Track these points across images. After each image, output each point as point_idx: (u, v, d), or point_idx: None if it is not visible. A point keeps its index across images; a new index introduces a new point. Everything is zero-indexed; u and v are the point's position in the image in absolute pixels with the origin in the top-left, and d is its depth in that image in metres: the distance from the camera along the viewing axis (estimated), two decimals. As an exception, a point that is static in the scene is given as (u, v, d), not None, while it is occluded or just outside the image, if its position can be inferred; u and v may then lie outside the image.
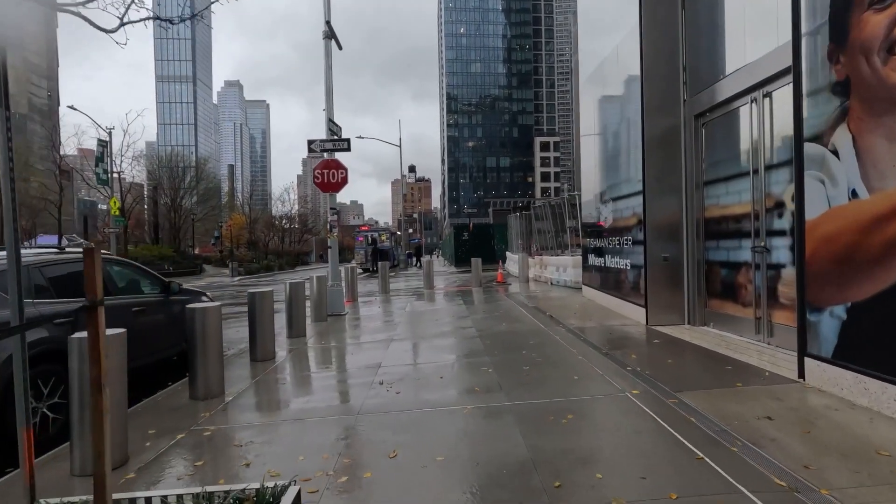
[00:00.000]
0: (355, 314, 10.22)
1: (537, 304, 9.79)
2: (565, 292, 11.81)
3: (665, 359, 5.26)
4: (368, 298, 13.23)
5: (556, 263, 13.67)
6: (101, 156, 24.94)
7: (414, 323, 8.52)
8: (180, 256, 36.05)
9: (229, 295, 18.00)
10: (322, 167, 10.21)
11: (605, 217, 8.81)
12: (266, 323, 6.32)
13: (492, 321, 8.14)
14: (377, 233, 33.88)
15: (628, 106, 7.88)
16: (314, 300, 9.41)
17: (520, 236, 18.36)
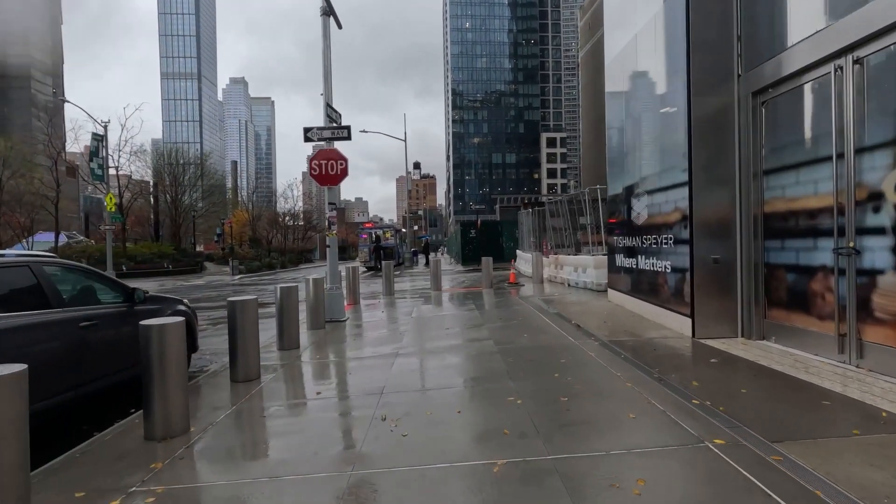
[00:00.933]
0: (357, 320, 9.26)
1: (559, 310, 8.79)
2: (586, 296, 10.80)
3: (735, 386, 4.26)
4: (372, 301, 12.27)
5: (574, 263, 12.64)
6: (97, 150, 24.11)
7: (422, 332, 7.54)
8: (181, 254, 35.27)
9: (227, 296, 17.11)
10: (319, 157, 9.23)
11: (638, 213, 7.79)
12: (249, 337, 5.36)
13: (510, 331, 7.15)
14: (381, 230, 32.92)
15: (669, 85, 6.85)
16: (310, 305, 8.46)
17: (532, 234, 17.34)
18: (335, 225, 9.51)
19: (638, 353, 5.50)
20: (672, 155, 6.73)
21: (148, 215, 41.41)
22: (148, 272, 30.64)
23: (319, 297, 8.53)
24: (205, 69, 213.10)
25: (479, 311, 9.31)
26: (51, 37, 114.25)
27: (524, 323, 7.75)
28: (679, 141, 6.48)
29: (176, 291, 19.80)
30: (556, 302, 9.98)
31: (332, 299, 9.19)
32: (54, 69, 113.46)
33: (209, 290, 20.17)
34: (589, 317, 8.00)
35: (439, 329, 7.68)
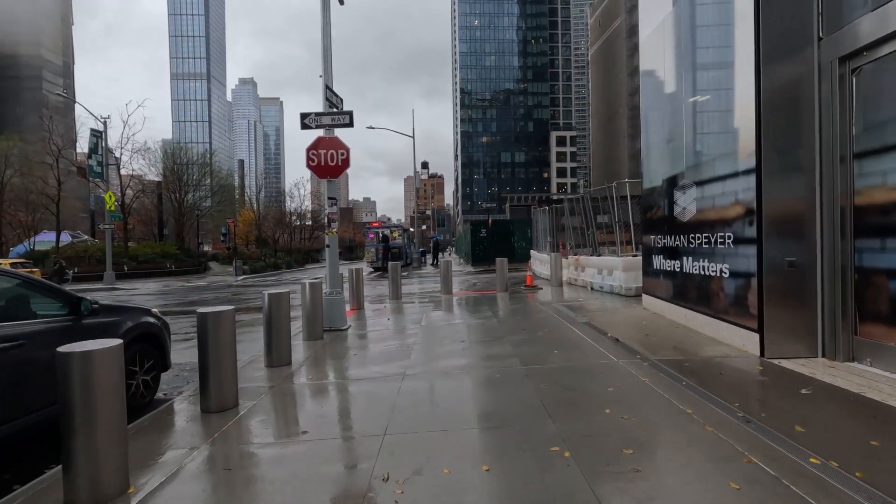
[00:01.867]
0: (359, 328, 8.26)
1: (588, 319, 7.72)
2: (615, 301, 9.71)
3: (859, 434, 3.18)
4: (377, 306, 11.28)
5: (598, 265, 11.55)
6: (95, 147, 23.41)
7: (432, 345, 6.52)
8: (184, 254, 34.57)
9: (224, 299, 16.22)
10: (318, 147, 8.24)
11: (684, 208, 6.71)
12: (223, 358, 4.37)
13: (537, 346, 6.11)
14: (389, 229, 31.95)
15: (728, 54, 5.76)
16: (307, 312, 7.47)
17: (548, 233, 16.26)
18: (336, 222, 8.52)
19: (702, 380, 4.43)
20: (732, 138, 5.65)
21: (153, 214, 40.82)
22: (150, 272, 29.94)
23: (317, 304, 7.55)
24: (214, 70, 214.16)
25: (496, 320, 8.26)
26: (62, 38, 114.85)
27: (552, 335, 6.69)
28: (743, 120, 5.40)
29: (173, 293, 18.97)
30: (582, 309, 8.90)
31: (331, 305, 8.20)
32: (65, 70, 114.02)
33: (208, 291, 19.31)
34: (626, 328, 6.93)
35: (453, 342, 6.65)
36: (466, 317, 8.83)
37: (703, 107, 6.40)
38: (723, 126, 5.86)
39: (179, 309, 13.59)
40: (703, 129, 6.27)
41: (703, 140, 6.28)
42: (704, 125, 6.25)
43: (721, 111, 5.92)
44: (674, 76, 7.11)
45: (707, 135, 6.21)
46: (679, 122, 6.91)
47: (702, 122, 6.34)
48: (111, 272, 23.73)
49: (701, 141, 6.31)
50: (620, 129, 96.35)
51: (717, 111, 6.04)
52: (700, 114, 6.45)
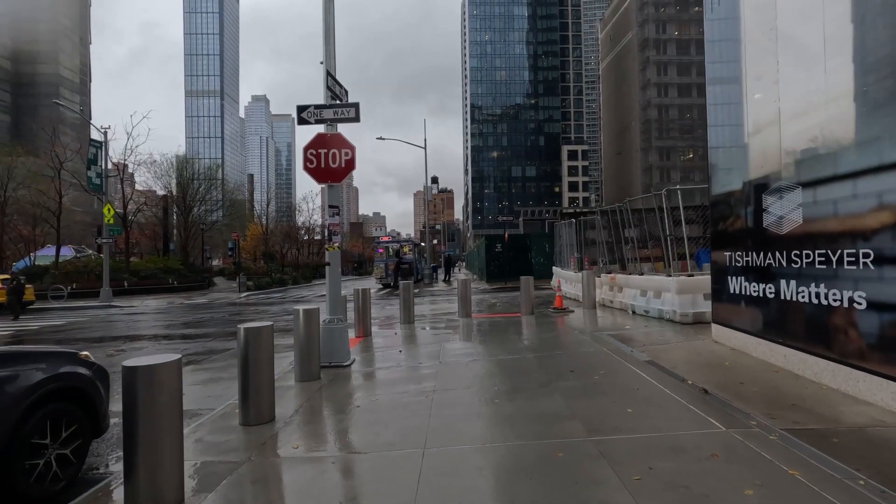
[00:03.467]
0: (365, 365, 6.80)
1: (651, 357, 6.17)
2: (671, 330, 8.15)
3: None
4: (386, 331, 9.82)
5: (642, 286, 10.01)
6: (95, 158, 22.45)
7: (458, 397, 5.02)
8: (188, 269, 33.46)
9: (220, 319, 14.84)
10: (316, 146, 6.90)
11: (781, 216, 5.21)
12: (163, 435, 2.93)
13: (600, 401, 4.58)
14: (399, 244, 30.59)
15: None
16: (300, 346, 6.04)
17: (575, 248, 14.75)
18: (339, 235, 7.12)
19: (881, 470, 2.89)
20: (874, 117, 4.17)
21: (160, 229, 39.94)
22: (151, 288, 28.79)
23: (312, 335, 6.11)
24: (227, 87, 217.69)
25: (532, 354, 6.74)
26: (79, 56, 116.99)
27: (611, 381, 5.17)
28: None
29: (169, 312, 17.68)
30: (634, 340, 7.36)
31: (331, 336, 6.76)
32: (82, 87, 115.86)
33: (206, 310, 17.98)
34: (706, 371, 5.39)
35: (483, 391, 5.15)
36: (493, 349, 7.32)
37: (833, 74, 4.90)
38: (862, 102, 4.37)
39: (165, 332, 12.24)
40: (823, 110, 4.77)
41: (820, 126, 4.77)
42: (822, 105, 4.75)
43: (855, 83, 4.44)
44: (767, 42, 5.62)
45: (830, 119, 4.70)
46: (772, 105, 5.43)
47: (823, 101, 4.84)
48: (108, 289, 22.58)
49: (817, 127, 4.81)
50: (632, 142, 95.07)
51: (850, 83, 4.55)
52: (815, 88, 4.95)
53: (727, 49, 6.38)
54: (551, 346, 7.39)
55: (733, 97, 6.23)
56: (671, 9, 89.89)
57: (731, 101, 6.27)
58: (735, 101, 6.17)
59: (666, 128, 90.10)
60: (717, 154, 6.66)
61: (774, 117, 5.38)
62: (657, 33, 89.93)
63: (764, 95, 5.54)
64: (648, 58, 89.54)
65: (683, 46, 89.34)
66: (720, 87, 6.64)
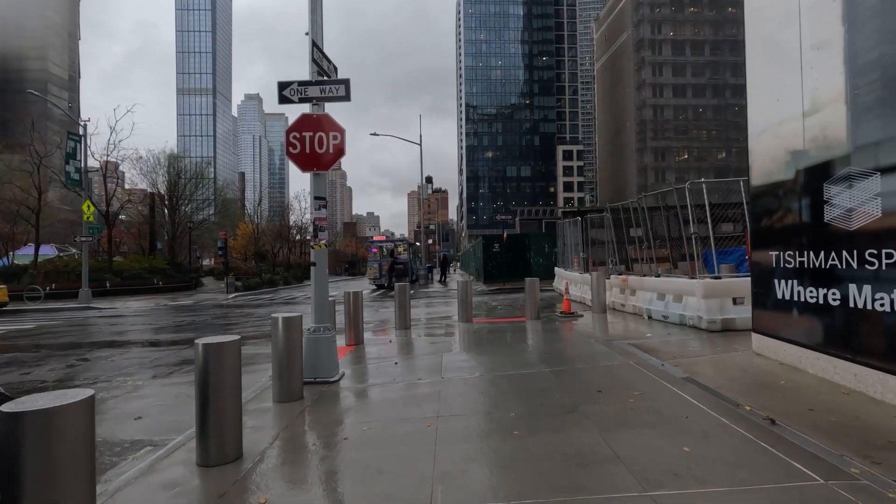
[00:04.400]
0: (356, 381, 5.91)
1: (687, 372, 5.32)
2: (697, 339, 7.32)
3: None
4: (380, 338, 8.94)
5: (659, 288, 9.18)
6: (73, 152, 21.34)
7: (466, 427, 4.14)
8: (175, 269, 32.30)
9: (201, 323, 13.85)
10: (301, 128, 6.00)
11: (850, 209, 4.38)
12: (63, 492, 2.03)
13: (643, 435, 3.72)
14: (393, 244, 29.64)
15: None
16: (279, 361, 5.14)
17: (581, 248, 13.92)
18: (325, 231, 6.22)
19: None
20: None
21: (147, 228, 38.68)
22: (135, 289, 27.65)
23: (294, 348, 5.20)
24: (220, 85, 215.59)
25: (549, 370, 5.87)
26: (68, 52, 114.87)
27: (653, 408, 4.30)
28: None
29: (151, 314, 16.65)
30: (659, 351, 6.51)
31: (316, 348, 5.86)
32: (71, 84, 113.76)
33: (187, 313, 16.97)
34: (763, 394, 4.54)
35: (497, 418, 4.27)
36: (501, 362, 6.44)
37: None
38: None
39: (139, 338, 11.26)
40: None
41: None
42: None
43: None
44: (830, 2, 4.78)
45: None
46: (836, 78, 4.59)
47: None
48: (87, 289, 21.47)
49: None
50: (627, 143, 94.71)
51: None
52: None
53: (776, 13, 5.54)
54: (567, 357, 6.53)
55: (783, 71, 5.40)
56: (666, 9, 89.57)
57: (781, 76, 5.43)
58: (786, 75, 5.34)
59: (661, 128, 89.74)
60: (761, 140, 5.82)
61: (839, 92, 4.55)
62: (652, 34, 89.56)
63: (827, 65, 4.70)
64: (644, 58, 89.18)
65: (679, 47, 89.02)
66: (765, 61, 5.79)
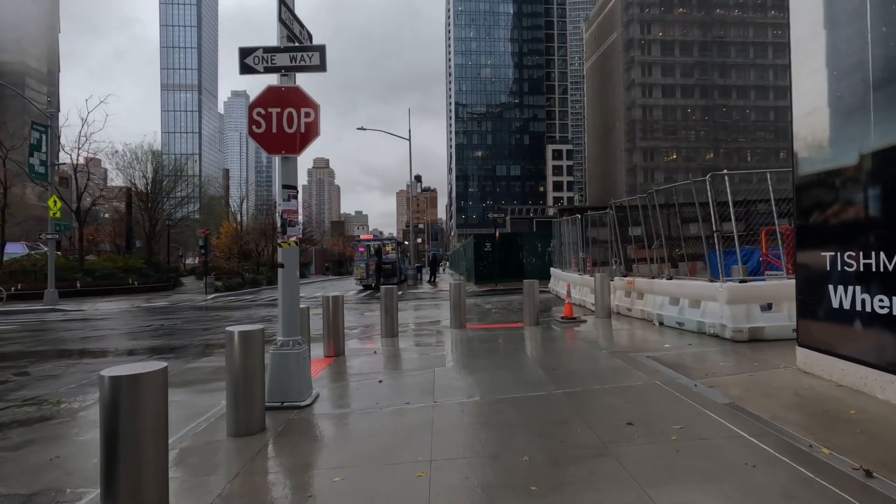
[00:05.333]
0: (332, 405, 4.94)
1: (728, 396, 4.44)
2: (725, 351, 6.47)
3: None
4: (364, 347, 7.97)
5: (673, 292, 8.34)
6: (38, 143, 19.99)
7: (468, 479, 3.21)
8: (152, 269, 30.91)
9: (170, 328, 12.72)
10: (266, 103, 5.01)
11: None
12: None
13: (710, 494, 2.83)
14: (381, 242, 28.60)
15: None
16: (234, 385, 4.16)
17: (581, 248, 13.07)
18: (297, 227, 5.23)
19: None
20: None
21: (122, 226, 37.10)
22: (108, 289, 26.25)
23: (252, 370, 4.22)
24: (206, 82, 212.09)
25: (562, 392, 4.96)
26: (47, 46, 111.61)
27: (704, 451, 3.40)
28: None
29: (118, 317, 15.46)
30: (689, 368, 5.63)
31: (283, 365, 4.88)
32: (50, 78, 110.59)
33: (159, 315, 15.80)
34: (833, 428, 3.67)
35: (507, 465, 3.35)
36: (504, 380, 5.51)
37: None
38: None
39: (95, 346, 10.13)
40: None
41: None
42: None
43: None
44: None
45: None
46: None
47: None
48: (53, 290, 20.12)
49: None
50: (617, 143, 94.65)
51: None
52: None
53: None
54: (580, 374, 5.63)
55: (841, 39, 4.55)
56: (655, 9, 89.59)
57: (838, 45, 4.58)
58: (844, 44, 4.49)
59: (650, 128, 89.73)
60: (809, 121, 4.96)
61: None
62: (642, 34, 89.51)
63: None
64: (633, 58, 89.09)
65: (668, 47, 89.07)
66: (816, 28, 4.94)
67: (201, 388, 6.08)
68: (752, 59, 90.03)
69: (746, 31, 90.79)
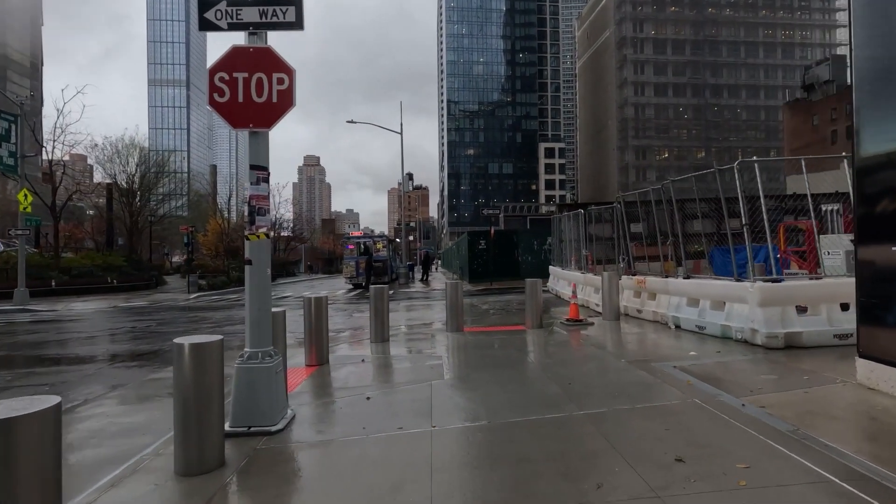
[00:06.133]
0: (310, 430, 4.11)
1: (794, 421, 3.69)
2: (757, 360, 5.73)
3: None
4: (351, 356, 7.13)
5: (694, 293, 7.60)
6: (7, 134, 18.83)
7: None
8: (133, 267, 29.71)
9: (142, 330, 11.76)
10: (229, 67, 4.16)
11: None
12: None
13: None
14: (371, 240, 27.70)
15: None
16: (183, 410, 3.32)
17: (584, 245, 12.32)
18: (266, 217, 4.39)
19: None
20: None
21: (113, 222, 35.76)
22: (85, 288, 25.08)
23: (208, 391, 3.39)
24: (194, 77, 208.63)
25: (584, 414, 4.17)
26: (30, 39, 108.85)
27: (787, 500, 2.64)
28: None
29: (90, 318, 14.46)
30: (725, 381, 4.88)
31: (251, 383, 4.04)
32: (33, 72, 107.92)
33: (134, 317, 14.81)
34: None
35: None
36: (514, 398, 4.71)
37: None
38: None
39: (53, 353, 9.18)
40: None
41: None
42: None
43: None
44: None
45: None
46: None
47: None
48: (23, 289, 19.01)
49: None
50: (609, 141, 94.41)
51: None
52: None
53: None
54: (601, 389, 4.84)
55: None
56: (648, 8, 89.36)
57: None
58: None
59: (642, 127, 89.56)
60: (878, 88, 4.21)
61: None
62: (634, 32, 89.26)
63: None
64: (626, 56, 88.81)
65: (660, 46, 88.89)
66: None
67: (159, 406, 5.21)
68: (744, 58, 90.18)
69: (738, 30, 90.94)
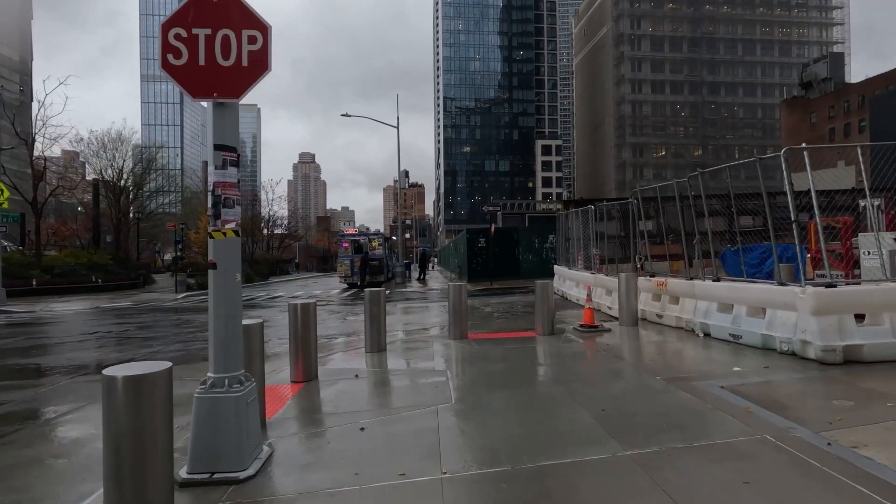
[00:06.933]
0: (288, 475, 3.27)
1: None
2: (814, 378, 4.94)
3: None
4: (343, 368, 6.30)
5: (727, 297, 6.80)
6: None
7: None
8: (120, 265, 28.72)
9: (117, 334, 10.86)
10: (190, 21, 3.33)
11: None
12: None
13: None
14: (367, 238, 26.82)
15: None
16: (113, 459, 2.49)
17: (594, 244, 11.53)
18: (235, 209, 3.56)
19: None
20: None
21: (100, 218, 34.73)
22: (68, 288, 24.08)
23: (150, 434, 2.55)
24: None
25: (630, 455, 3.37)
26: (18, 33, 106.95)
27: None
28: None
29: (66, 320, 13.55)
30: (792, 409, 4.08)
31: (212, 417, 3.21)
32: (22, 66, 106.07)
33: (113, 318, 13.91)
34: None
35: None
36: (539, 430, 3.90)
37: None
38: None
39: (10, 361, 8.29)
40: None
41: None
42: None
43: None
44: None
45: None
46: None
47: None
48: (0, 288, 18.09)
49: None
50: (606, 139, 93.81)
51: None
52: None
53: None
54: (644, 419, 4.02)
55: None
56: (645, 5, 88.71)
57: None
58: None
59: (639, 124, 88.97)
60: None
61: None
62: (632, 29, 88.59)
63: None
64: (623, 53, 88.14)
65: (657, 43, 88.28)
66: None
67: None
68: (741, 55, 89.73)
69: (735, 27, 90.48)
